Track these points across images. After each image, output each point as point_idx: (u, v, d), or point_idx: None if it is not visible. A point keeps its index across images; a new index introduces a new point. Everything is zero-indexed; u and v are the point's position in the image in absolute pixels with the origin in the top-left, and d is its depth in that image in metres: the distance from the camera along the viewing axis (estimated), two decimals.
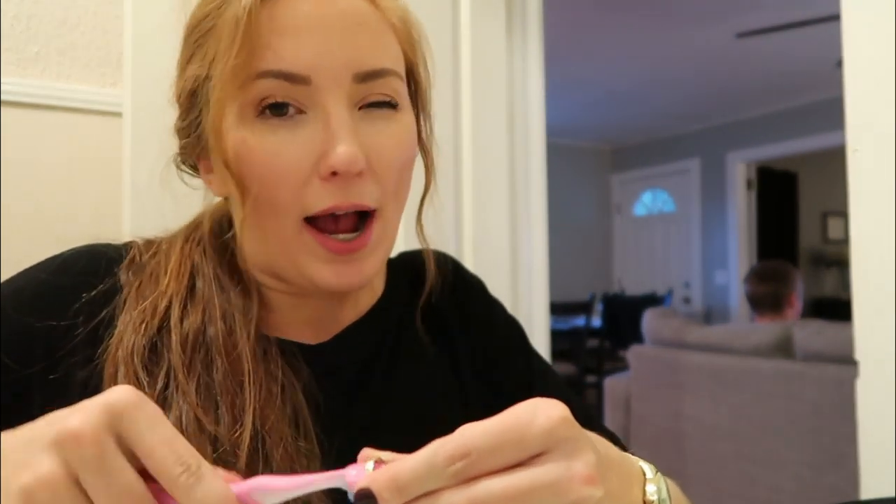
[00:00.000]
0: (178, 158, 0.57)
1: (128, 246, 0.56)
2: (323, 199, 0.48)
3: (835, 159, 2.81)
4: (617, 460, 0.38)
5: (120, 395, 0.32)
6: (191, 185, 0.59)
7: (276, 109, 0.48)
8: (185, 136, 0.54)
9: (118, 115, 1.25)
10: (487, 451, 0.30)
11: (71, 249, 0.54)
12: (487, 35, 1.57)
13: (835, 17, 1.28)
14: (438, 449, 0.30)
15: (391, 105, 0.51)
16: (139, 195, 1.16)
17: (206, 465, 0.31)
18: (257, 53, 0.47)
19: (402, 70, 0.53)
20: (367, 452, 0.33)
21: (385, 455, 0.32)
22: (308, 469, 0.47)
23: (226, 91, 0.47)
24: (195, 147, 0.53)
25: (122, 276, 0.53)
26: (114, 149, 1.25)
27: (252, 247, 0.54)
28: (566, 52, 3.86)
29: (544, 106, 1.67)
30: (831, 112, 2.98)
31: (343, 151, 0.46)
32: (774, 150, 5.24)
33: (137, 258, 0.55)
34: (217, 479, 0.31)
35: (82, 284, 0.51)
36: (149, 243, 0.57)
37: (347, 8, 0.49)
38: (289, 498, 0.32)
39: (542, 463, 0.31)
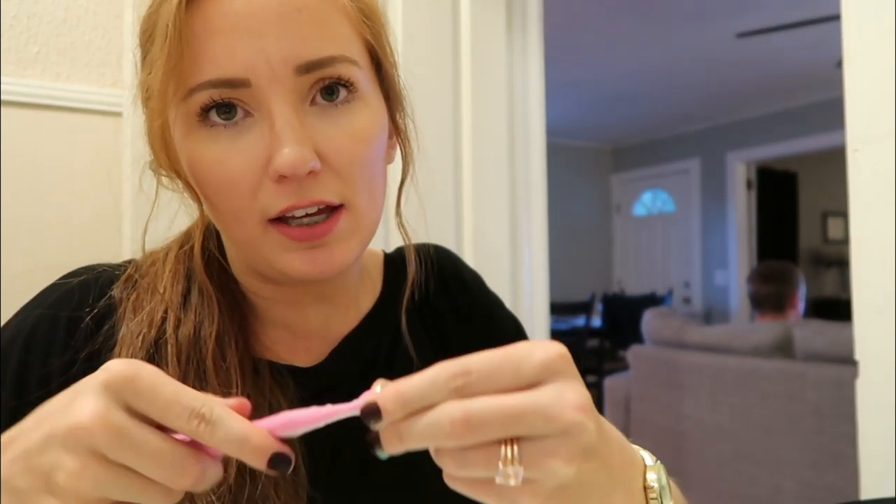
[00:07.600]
0: (154, 163, 0.54)
1: (125, 265, 0.55)
2: (278, 201, 0.46)
3: (835, 159, 2.81)
4: (618, 440, 0.39)
5: (114, 369, 0.33)
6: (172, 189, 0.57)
7: (222, 112, 0.45)
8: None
9: (118, 115, 1.25)
10: (486, 372, 0.33)
11: (65, 280, 0.53)
12: (487, 35, 1.57)
13: (835, 17, 1.28)
14: (442, 368, 0.33)
15: (344, 85, 0.47)
16: (139, 195, 1.16)
17: (219, 407, 0.33)
18: (195, 61, 0.44)
19: (356, 55, 0.48)
20: (379, 381, 0.35)
21: (395, 383, 0.34)
22: (296, 492, 0.47)
23: (160, 102, 0.45)
24: None
25: (117, 293, 0.52)
26: (114, 149, 1.25)
27: (230, 250, 0.55)
28: (566, 52, 3.85)
29: (544, 106, 1.67)
30: (831, 112, 2.98)
31: (287, 154, 0.43)
32: (774, 150, 5.23)
33: (133, 275, 0.54)
34: (234, 418, 0.33)
35: (77, 319, 0.50)
36: (148, 257, 0.56)
37: None
38: (311, 430, 0.35)
39: (535, 389, 0.33)
